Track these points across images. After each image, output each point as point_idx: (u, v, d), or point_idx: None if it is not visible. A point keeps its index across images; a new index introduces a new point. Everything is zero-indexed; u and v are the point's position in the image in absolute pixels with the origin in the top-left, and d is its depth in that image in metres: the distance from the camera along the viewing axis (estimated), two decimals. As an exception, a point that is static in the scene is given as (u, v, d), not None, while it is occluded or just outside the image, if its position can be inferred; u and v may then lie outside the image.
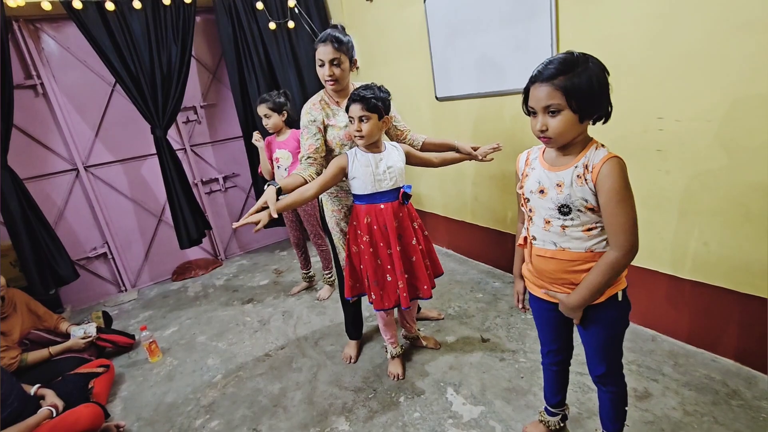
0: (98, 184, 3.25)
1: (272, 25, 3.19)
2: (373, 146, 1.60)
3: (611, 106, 0.99)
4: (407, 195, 1.63)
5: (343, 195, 1.82)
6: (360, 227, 1.65)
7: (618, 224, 0.98)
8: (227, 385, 2.05)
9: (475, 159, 1.83)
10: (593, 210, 1.01)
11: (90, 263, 3.30)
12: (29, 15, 2.78)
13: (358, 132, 1.53)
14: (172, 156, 3.07)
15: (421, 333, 2.10)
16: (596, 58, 0.96)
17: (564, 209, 1.04)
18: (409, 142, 1.89)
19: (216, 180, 3.73)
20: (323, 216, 1.91)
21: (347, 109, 1.55)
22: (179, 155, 3.28)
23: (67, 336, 2.29)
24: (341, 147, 1.73)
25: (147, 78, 2.89)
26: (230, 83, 3.30)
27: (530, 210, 1.12)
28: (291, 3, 3.19)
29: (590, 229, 1.04)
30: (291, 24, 3.25)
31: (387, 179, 1.60)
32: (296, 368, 2.09)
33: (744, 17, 1.35)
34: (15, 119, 2.64)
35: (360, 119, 1.52)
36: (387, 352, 1.93)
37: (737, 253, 1.55)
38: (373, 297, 1.69)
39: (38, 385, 1.80)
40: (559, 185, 1.03)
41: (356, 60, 1.74)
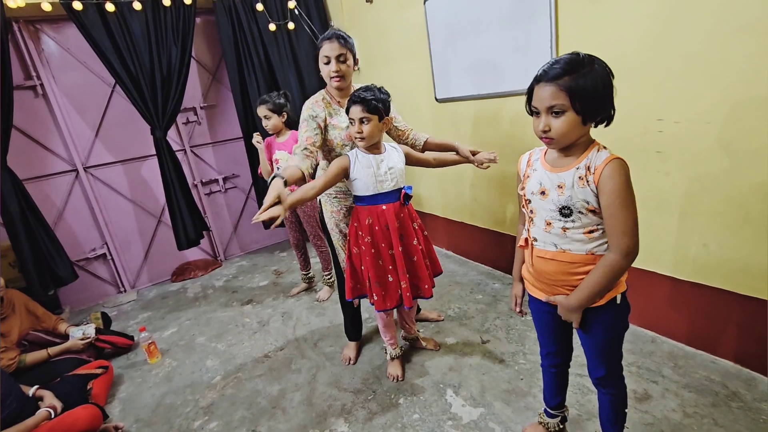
0: (98, 185, 3.24)
1: (272, 27, 3.20)
2: (374, 148, 1.61)
3: (614, 109, 0.99)
4: (408, 196, 1.64)
5: (342, 196, 1.82)
6: (361, 228, 1.64)
7: (619, 226, 0.97)
8: (226, 387, 2.05)
9: (472, 163, 1.83)
10: (594, 212, 1.01)
11: (89, 264, 3.30)
12: (29, 16, 2.79)
13: (359, 134, 1.53)
14: (172, 157, 3.07)
15: (421, 334, 2.10)
16: (602, 60, 0.96)
17: (565, 211, 1.03)
18: (411, 142, 1.89)
19: (216, 181, 3.73)
20: (323, 217, 1.91)
21: (347, 111, 1.55)
22: (179, 156, 3.29)
23: (66, 337, 2.28)
24: (342, 147, 1.73)
25: (147, 79, 2.90)
26: (230, 84, 3.31)
27: (531, 211, 1.12)
28: (291, 4, 3.19)
29: (591, 231, 1.03)
30: (291, 25, 3.25)
31: (388, 180, 1.60)
32: (295, 369, 2.09)
33: (744, 19, 1.35)
34: (15, 120, 2.64)
35: (360, 121, 1.52)
36: (386, 354, 1.92)
37: (737, 255, 1.55)
38: (375, 298, 1.68)
39: (37, 386, 1.80)
40: (561, 187, 1.03)
41: (357, 59, 1.75)
